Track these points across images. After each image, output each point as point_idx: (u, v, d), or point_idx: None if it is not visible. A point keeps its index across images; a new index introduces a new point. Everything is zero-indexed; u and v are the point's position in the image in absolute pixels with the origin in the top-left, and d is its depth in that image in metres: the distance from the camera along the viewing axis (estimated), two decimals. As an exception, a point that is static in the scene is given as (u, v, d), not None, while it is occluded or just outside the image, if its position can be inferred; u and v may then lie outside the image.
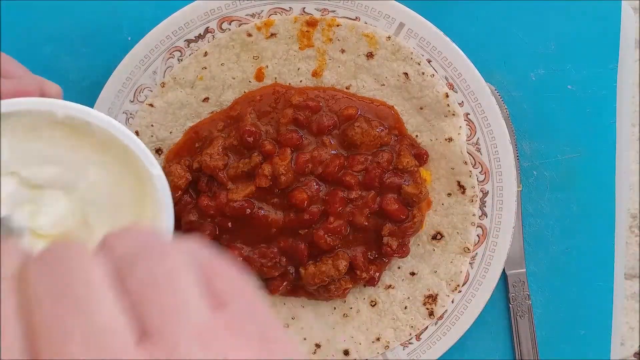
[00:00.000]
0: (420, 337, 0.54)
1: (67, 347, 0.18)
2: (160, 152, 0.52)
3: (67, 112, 0.34)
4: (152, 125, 0.52)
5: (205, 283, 0.21)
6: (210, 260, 0.22)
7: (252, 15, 0.51)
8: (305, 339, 0.53)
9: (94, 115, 0.34)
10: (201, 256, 0.22)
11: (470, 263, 0.53)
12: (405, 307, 0.53)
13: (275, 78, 0.52)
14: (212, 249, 0.22)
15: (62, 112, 0.34)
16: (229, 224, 0.50)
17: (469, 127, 0.52)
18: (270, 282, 0.52)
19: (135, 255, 0.21)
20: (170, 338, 0.18)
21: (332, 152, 0.51)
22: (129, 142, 0.35)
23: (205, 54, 0.51)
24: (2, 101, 0.33)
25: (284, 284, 0.52)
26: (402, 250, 0.52)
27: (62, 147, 0.35)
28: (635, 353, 1.07)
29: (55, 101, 0.34)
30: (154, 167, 0.35)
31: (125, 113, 0.52)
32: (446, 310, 0.53)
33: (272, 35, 0.51)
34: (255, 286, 0.22)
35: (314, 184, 0.50)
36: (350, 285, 0.52)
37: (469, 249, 0.53)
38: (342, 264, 0.50)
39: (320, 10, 0.51)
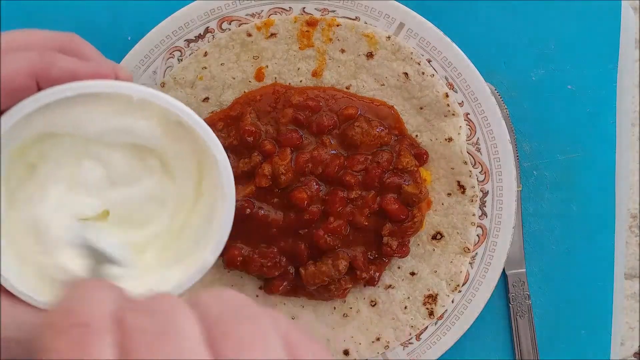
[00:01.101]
0: (420, 337, 0.54)
1: None
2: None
3: (143, 96, 0.35)
4: (152, 125, 0.52)
5: (288, 351, 0.22)
6: (292, 330, 0.23)
7: (252, 15, 0.51)
8: (305, 339, 0.53)
9: (167, 100, 0.35)
10: (284, 324, 0.23)
11: (470, 263, 0.53)
12: (405, 307, 0.53)
13: (275, 78, 0.52)
14: (291, 321, 0.23)
15: (137, 95, 0.35)
16: (229, 224, 0.50)
17: (469, 127, 0.52)
18: (270, 282, 0.52)
19: (228, 315, 0.22)
20: None
21: (332, 152, 0.51)
22: (197, 125, 0.36)
23: (205, 54, 0.51)
24: (90, 82, 0.34)
25: (284, 284, 0.52)
26: (402, 250, 0.52)
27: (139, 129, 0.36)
28: (635, 353, 1.07)
29: (132, 85, 0.35)
30: (219, 152, 0.36)
31: (125, 113, 0.52)
32: (446, 310, 0.53)
33: (272, 35, 0.51)
34: None
35: (314, 183, 0.50)
36: (350, 285, 0.52)
37: (469, 249, 0.53)
38: (342, 264, 0.50)
39: (320, 10, 0.51)
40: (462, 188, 0.52)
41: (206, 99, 0.52)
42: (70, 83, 0.33)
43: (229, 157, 0.36)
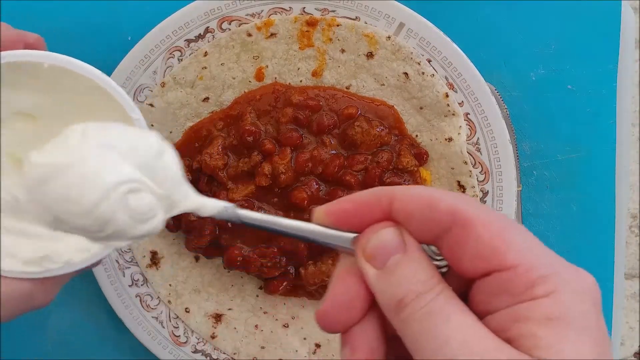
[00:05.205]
0: (420, 337, 0.53)
1: None
2: (160, 152, 0.52)
3: (53, 62, 0.36)
4: (152, 125, 0.52)
5: None
6: None
7: (252, 15, 0.51)
8: (305, 338, 0.53)
9: (78, 65, 0.36)
10: None
11: (470, 263, 0.53)
12: (405, 307, 0.53)
13: (275, 78, 0.52)
14: None
15: (48, 62, 0.35)
16: (229, 224, 0.50)
17: (469, 127, 0.52)
18: (270, 282, 0.52)
19: None
20: None
21: (332, 151, 0.51)
22: (110, 88, 0.37)
23: (205, 53, 0.51)
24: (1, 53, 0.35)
25: (284, 284, 0.52)
26: (402, 250, 0.52)
27: (49, 95, 0.37)
28: (635, 353, 1.07)
29: (42, 53, 0.36)
30: (134, 112, 0.37)
31: (125, 113, 0.52)
32: (446, 310, 0.53)
33: (272, 35, 0.51)
34: None
35: (314, 183, 0.50)
36: (350, 285, 0.52)
37: (469, 249, 0.52)
38: (342, 264, 0.50)
39: (320, 10, 0.51)
40: (462, 188, 0.52)
41: (206, 99, 0.52)
42: None
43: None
